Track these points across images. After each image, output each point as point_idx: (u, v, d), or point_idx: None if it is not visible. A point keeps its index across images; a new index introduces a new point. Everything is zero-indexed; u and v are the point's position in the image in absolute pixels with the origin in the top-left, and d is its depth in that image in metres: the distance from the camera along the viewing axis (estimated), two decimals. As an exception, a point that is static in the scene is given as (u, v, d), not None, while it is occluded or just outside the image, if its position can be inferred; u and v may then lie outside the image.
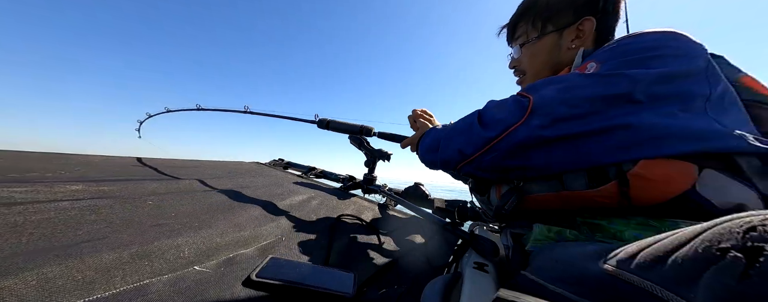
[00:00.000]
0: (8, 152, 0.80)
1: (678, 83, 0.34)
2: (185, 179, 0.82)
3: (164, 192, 0.66)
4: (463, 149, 0.43)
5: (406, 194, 1.01)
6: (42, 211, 0.44)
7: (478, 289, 0.38)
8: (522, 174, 0.42)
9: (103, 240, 0.38)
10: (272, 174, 1.15)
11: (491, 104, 0.44)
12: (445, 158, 0.47)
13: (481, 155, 0.41)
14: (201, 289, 0.34)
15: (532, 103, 0.37)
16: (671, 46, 0.36)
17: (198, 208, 0.59)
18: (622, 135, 0.34)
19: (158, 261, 0.37)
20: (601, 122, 0.35)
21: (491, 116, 0.41)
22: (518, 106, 0.38)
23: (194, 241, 0.44)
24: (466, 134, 0.43)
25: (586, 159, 0.36)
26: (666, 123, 0.33)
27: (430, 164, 0.55)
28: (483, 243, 0.53)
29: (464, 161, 0.44)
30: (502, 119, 0.39)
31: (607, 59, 0.38)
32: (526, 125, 0.37)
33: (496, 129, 0.39)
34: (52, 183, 0.57)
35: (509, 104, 0.40)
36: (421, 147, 0.56)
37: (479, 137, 0.41)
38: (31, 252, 0.33)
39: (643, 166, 0.33)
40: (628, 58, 0.36)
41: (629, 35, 0.40)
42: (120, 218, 0.47)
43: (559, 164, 0.38)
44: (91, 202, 0.51)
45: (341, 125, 0.91)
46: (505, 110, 0.40)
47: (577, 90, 0.36)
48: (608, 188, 0.35)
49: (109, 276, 0.32)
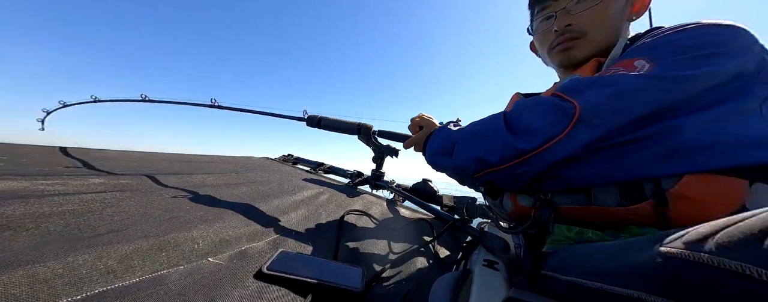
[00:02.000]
0: (35, 147, 0.84)
1: (736, 82, 0.30)
2: (199, 174, 0.84)
3: (179, 186, 0.68)
4: (484, 157, 0.37)
5: (414, 190, 1.01)
6: (68, 203, 0.46)
7: (488, 287, 0.38)
8: (546, 186, 0.37)
9: (123, 231, 0.40)
10: (282, 170, 1.17)
11: (522, 106, 0.37)
12: (460, 164, 0.41)
13: (510, 167, 0.35)
14: (215, 280, 0.35)
15: (578, 111, 0.31)
16: (731, 41, 0.31)
17: (211, 202, 0.61)
18: (664, 144, 0.29)
19: (174, 252, 0.38)
20: (646, 130, 0.30)
21: (525, 124, 0.35)
22: (560, 113, 0.32)
23: (208, 234, 0.46)
24: (490, 140, 0.37)
25: (620, 172, 0.31)
26: (718, 129, 0.28)
27: (439, 167, 0.49)
28: (493, 240, 0.52)
29: (486, 170, 0.38)
30: (541, 130, 0.33)
31: (660, 57, 0.32)
32: (570, 138, 0.31)
33: (532, 141, 0.33)
34: (77, 177, 0.60)
35: (547, 110, 0.33)
36: (430, 148, 0.50)
37: (509, 147, 0.35)
38: (58, 241, 0.35)
39: (686, 184, 0.28)
40: (687, 57, 0.31)
41: (681, 28, 0.34)
42: (138, 211, 0.49)
43: (590, 177, 0.33)
44: (111, 194, 0.53)
45: (335, 122, 0.83)
46: (542, 118, 0.33)
47: (634, 97, 0.30)
48: (643, 207, 0.30)
49: (129, 266, 0.33)
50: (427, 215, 0.89)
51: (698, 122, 0.29)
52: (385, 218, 0.81)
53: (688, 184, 0.28)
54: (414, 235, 0.75)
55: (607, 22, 0.43)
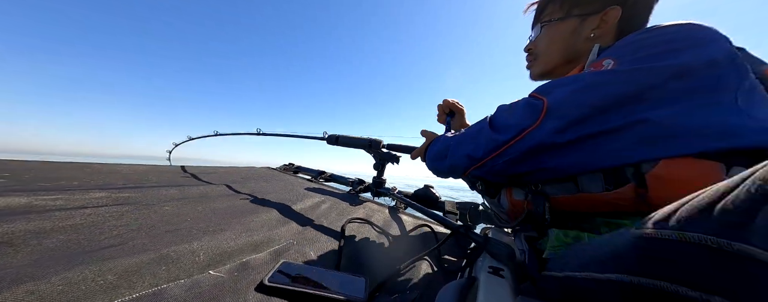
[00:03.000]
0: (39, 163, 0.85)
1: (702, 74, 0.31)
2: (200, 186, 0.84)
3: (180, 198, 0.68)
4: (472, 154, 0.42)
5: (416, 197, 1.00)
6: (69, 217, 0.46)
7: (495, 295, 0.37)
8: (536, 177, 0.40)
9: (123, 245, 0.40)
10: (283, 179, 1.17)
11: (502, 108, 0.43)
12: (454, 163, 0.47)
13: (492, 159, 0.40)
14: (216, 293, 0.34)
15: (546, 105, 0.35)
16: (691, 37, 0.33)
17: (212, 213, 0.61)
18: (639, 132, 0.32)
19: (175, 265, 0.38)
20: (618, 120, 0.33)
21: (503, 121, 0.40)
22: (531, 109, 0.37)
23: (209, 246, 0.45)
24: (476, 138, 0.42)
25: (602, 160, 0.34)
26: (690, 118, 0.30)
27: (437, 171, 0.54)
28: (497, 246, 0.51)
29: (474, 165, 0.43)
30: (515, 124, 0.38)
31: (623, 55, 0.36)
32: (539, 128, 0.35)
33: (508, 133, 0.38)
34: (77, 191, 0.60)
35: (521, 108, 0.39)
36: (429, 155, 0.56)
37: (490, 141, 0.40)
38: (58, 257, 0.35)
39: (663, 166, 0.30)
40: (647, 53, 0.34)
41: (646, 29, 0.38)
42: (139, 224, 0.49)
43: (574, 165, 0.36)
44: (113, 208, 0.53)
45: (350, 139, 0.97)
46: (517, 114, 0.38)
47: (593, 90, 0.34)
48: (625, 190, 0.33)
49: (130, 281, 0.33)
50: (429, 221, 0.88)
51: (671, 112, 0.31)
52: (388, 226, 0.80)
53: (665, 166, 0.30)
54: (417, 242, 0.74)
55: (557, 46, 0.52)
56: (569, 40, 0.50)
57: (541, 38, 0.54)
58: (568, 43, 0.50)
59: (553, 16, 0.52)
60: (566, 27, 0.50)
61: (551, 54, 0.53)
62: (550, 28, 0.52)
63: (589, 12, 0.47)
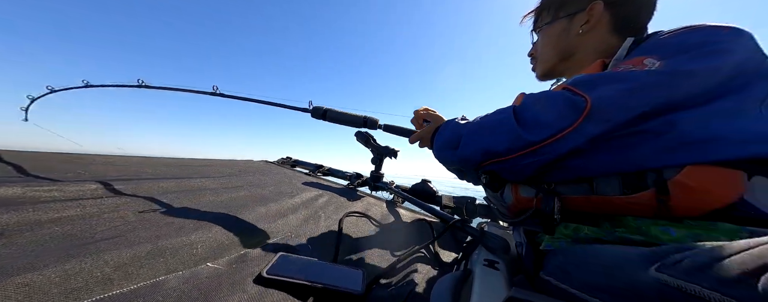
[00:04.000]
0: (34, 153, 0.83)
1: (737, 80, 0.31)
2: (197, 178, 0.84)
3: (177, 191, 0.67)
4: (490, 148, 0.39)
5: (413, 191, 1.01)
6: (64, 209, 0.46)
7: (489, 287, 0.38)
8: (551, 177, 0.38)
9: (120, 237, 0.40)
10: (281, 173, 1.17)
11: (533, 99, 0.38)
12: (467, 155, 0.43)
13: (517, 158, 0.37)
14: (214, 285, 0.35)
15: (589, 105, 0.32)
16: (732, 40, 0.32)
17: (210, 206, 0.61)
18: (667, 137, 0.30)
19: (173, 257, 0.38)
20: (653, 125, 0.31)
21: (534, 116, 0.36)
22: (571, 107, 0.33)
23: (206, 238, 0.45)
24: (498, 131, 0.39)
25: (623, 163, 0.32)
26: (719, 124, 0.29)
27: (445, 161, 0.51)
28: (493, 239, 0.52)
29: (491, 159, 0.40)
30: (550, 123, 0.34)
31: (669, 54, 0.33)
32: (578, 131, 0.32)
33: (540, 133, 0.34)
34: (72, 182, 0.59)
35: (559, 103, 0.34)
36: (438, 142, 0.51)
37: (516, 138, 0.36)
38: (54, 249, 0.34)
39: (688, 174, 0.29)
40: (692, 53, 0.32)
41: (688, 27, 0.36)
42: (136, 216, 0.49)
43: (594, 167, 0.34)
44: (109, 200, 0.53)
45: (340, 115, 0.80)
46: (553, 111, 0.34)
47: (643, 92, 0.32)
48: (644, 195, 0.31)
49: (127, 273, 0.33)
50: (426, 215, 0.89)
51: (698, 117, 0.30)
52: (385, 220, 0.81)
53: (689, 174, 0.29)
54: (414, 236, 0.74)
55: (550, 47, 0.55)
56: (561, 39, 0.53)
57: (538, 43, 0.58)
58: (560, 42, 0.53)
59: (543, 21, 0.56)
60: (557, 28, 0.53)
61: (547, 54, 0.56)
62: (544, 32, 0.56)
63: (574, 11, 0.50)
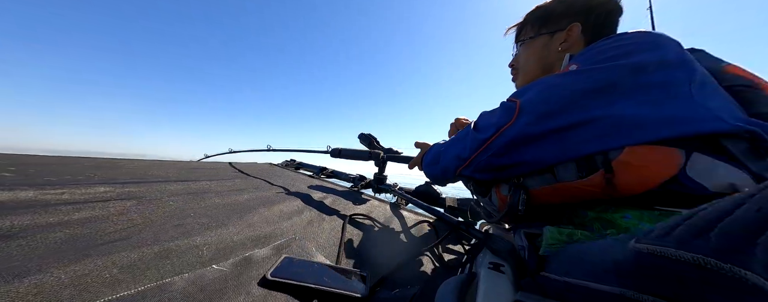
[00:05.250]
0: (44, 157, 0.85)
1: (656, 72, 0.36)
2: (203, 181, 0.85)
3: (183, 193, 0.68)
4: (460, 154, 0.48)
5: (417, 193, 1.00)
6: (74, 211, 0.47)
7: (495, 290, 0.37)
8: (518, 171, 0.44)
9: (128, 239, 0.40)
10: (285, 175, 1.18)
11: (484, 113, 0.49)
12: (445, 165, 0.52)
13: (477, 156, 0.45)
14: (220, 287, 0.35)
15: (519, 105, 0.41)
16: (645, 41, 0.39)
17: (215, 208, 0.61)
18: (604, 124, 0.36)
19: (179, 259, 0.38)
20: (582, 114, 0.37)
21: (484, 122, 0.46)
22: (507, 110, 0.43)
23: (212, 240, 0.46)
24: (462, 141, 0.48)
25: (573, 150, 0.38)
26: (648, 110, 0.34)
27: (432, 177, 0.61)
28: (498, 242, 0.51)
29: (462, 165, 0.48)
30: (494, 123, 0.43)
31: (586, 60, 0.41)
32: (515, 124, 0.41)
33: (488, 131, 0.43)
34: (82, 185, 0.60)
35: (499, 110, 0.45)
36: (425, 161, 0.62)
37: (474, 140, 0.45)
38: (64, 250, 0.35)
39: (628, 153, 0.34)
40: (605, 56, 0.39)
41: (606, 37, 0.43)
42: (143, 219, 0.50)
43: (550, 157, 0.40)
44: (117, 203, 0.54)
45: (352, 152, 1.07)
46: (495, 115, 0.44)
47: (557, 88, 0.40)
48: (596, 177, 0.36)
49: (134, 274, 0.33)
50: (430, 218, 0.89)
51: (630, 106, 0.35)
52: (389, 222, 0.80)
53: (629, 152, 0.34)
54: (418, 238, 0.74)
55: (533, 60, 0.59)
56: (543, 54, 0.58)
57: (520, 55, 0.63)
58: (541, 57, 0.58)
59: (527, 35, 0.61)
60: (539, 44, 0.58)
61: (529, 67, 0.61)
62: (526, 46, 0.61)
63: (555, 29, 0.56)
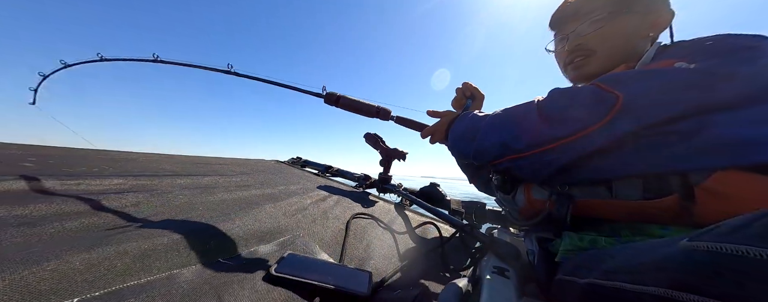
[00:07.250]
0: (62, 149, 0.89)
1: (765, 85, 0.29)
2: (212, 176, 0.87)
3: (193, 187, 0.70)
4: (510, 143, 0.37)
5: (422, 194, 1.00)
6: (89, 201, 0.48)
7: (498, 295, 0.37)
8: (569, 178, 0.36)
9: (139, 230, 0.42)
10: (291, 172, 1.19)
11: (559, 93, 0.36)
12: (482, 147, 0.41)
13: (537, 154, 0.34)
14: (225, 280, 0.36)
15: (620, 102, 0.30)
16: (764, 46, 0.31)
17: (222, 203, 0.63)
18: (700, 138, 0.28)
19: (187, 251, 0.39)
20: (683, 124, 0.29)
21: (559, 110, 0.34)
22: (601, 103, 0.31)
23: (219, 234, 0.47)
24: (518, 126, 0.37)
25: (649, 164, 0.30)
26: (755, 129, 0.27)
27: (460, 154, 0.49)
28: (503, 246, 0.51)
29: (509, 156, 0.38)
30: (577, 118, 0.32)
31: (700, 59, 0.31)
32: (607, 128, 0.30)
33: (566, 128, 0.32)
34: (98, 177, 0.63)
35: (586, 98, 0.32)
36: (454, 132, 0.49)
37: (539, 133, 0.34)
38: (79, 239, 0.36)
39: (717, 179, 0.27)
40: (724, 59, 0.31)
41: (710, 37, 0.35)
42: (154, 210, 0.51)
43: (614, 169, 0.32)
44: (130, 195, 0.56)
45: (354, 102, 0.78)
46: (580, 106, 0.32)
47: (677, 91, 0.29)
48: (667, 201, 0.29)
49: (145, 264, 0.34)
50: (434, 219, 0.88)
51: (733, 120, 0.28)
52: (393, 222, 0.80)
53: (719, 179, 0.27)
54: (422, 240, 0.74)
55: (616, 41, 0.45)
56: (630, 37, 0.44)
57: (591, 33, 0.46)
58: (627, 40, 0.44)
59: (609, 9, 0.44)
60: (627, 22, 0.44)
61: (613, 48, 0.45)
62: (612, 23, 0.44)
63: (648, 10, 0.43)
